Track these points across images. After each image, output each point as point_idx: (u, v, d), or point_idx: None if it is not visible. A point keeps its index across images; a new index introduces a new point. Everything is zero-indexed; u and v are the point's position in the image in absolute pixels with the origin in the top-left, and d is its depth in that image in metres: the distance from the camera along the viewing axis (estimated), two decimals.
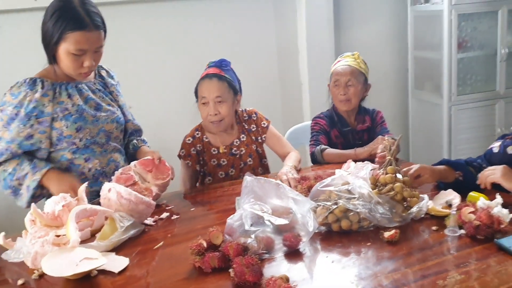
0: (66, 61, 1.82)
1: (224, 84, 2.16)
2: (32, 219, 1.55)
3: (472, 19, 3.66)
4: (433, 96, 3.86)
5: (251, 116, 2.33)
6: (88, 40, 1.79)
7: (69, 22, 1.76)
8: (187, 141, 2.27)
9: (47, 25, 1.81)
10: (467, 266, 1.28)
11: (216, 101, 2.15)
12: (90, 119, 1.92)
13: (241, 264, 1.29)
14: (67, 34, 1.77)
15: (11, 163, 1.82)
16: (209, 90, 2.15)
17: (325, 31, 3.75)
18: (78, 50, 1.79)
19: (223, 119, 2.18)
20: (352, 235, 1.51)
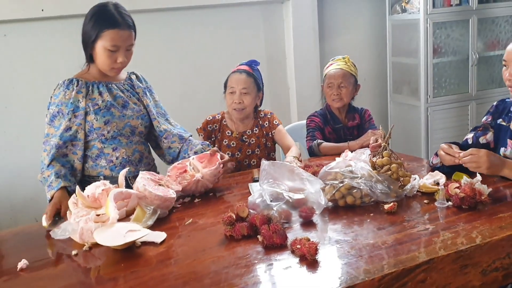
0: (102, 57, 2.07)
1: (251, 79, 2.54)
2: (74, 201, 1.76)
3: (446, 27, 3.99)
4: (410, 98, 4.18)
5: (266, 115, 2.67)
6: (121, 37, 2.05)
7: (105, 21, 2.04)
8: (208, 118, 2.62)
9: (86, 27, 2.07)
10: (455, 228, 1.54)
11: (242, 92, 2.50)
12: (117, 114, 2.15)
13: (268, 230, 1.52)
14: (103, 32, 2.03)
15: (45, 173, 2.05)
16: (237, 81, 2.52)
17: (310, 39, 4.04)
18: (113, 46, 2.04)
19: (245, 108, 2.53)
20: (356, 209, 1.76)
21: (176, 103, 3.60)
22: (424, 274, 1.34)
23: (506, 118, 2.03)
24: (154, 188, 1.85)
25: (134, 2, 3.41)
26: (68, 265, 1.56)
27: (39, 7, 3.27)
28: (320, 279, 1.31)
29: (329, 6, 4.17)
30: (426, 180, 1.88)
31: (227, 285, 1.30)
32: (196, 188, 2.03)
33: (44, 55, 3.37)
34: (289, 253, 1.46)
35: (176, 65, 3.69)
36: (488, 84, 4.23)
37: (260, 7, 3.92)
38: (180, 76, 3.68)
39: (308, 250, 1.39)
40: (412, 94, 4.16)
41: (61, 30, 3.32)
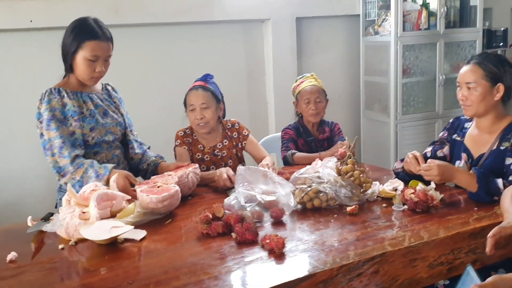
0: (82, 67, 2.22)
1: (208, 93, 2.60)
2: (68, 199, 1.91)
3: (415, 49, 4.24)
4: (381, 115, 4.40)
5: (234, 125, 2.75)
6: (101, 48, 2.22)
7: (86, 33, 2.20)
8: (179, 134, 2.66)
9: (67, 39, 2.23)
10: (409, 227, 1.73)
11: (201, 107, 2.57)
12: (100, 122, 2.30)
13: (241, 228, 1.69)
14: (84, 43, 2.19)
15: (78, 172, 2.15)
16: (195, 98, 2.59)
17: (289, 57, 4.25)
18: (92, 56, 2.20)
19: (208, 122, 2.58)
20: (322, 211, 1.94)
21: (156, 117, 3.76)
22: (377, 266, 1.51)
23: (461, 134, 2.24)
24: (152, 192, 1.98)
25: (118, 17, 3.58)
26: (55, 258, 1.67)
27: (28, 18, 3.40)
28: (285, 269, 1.48)
29: (307, 27, 4.39)
30: (386, 186, 2.07)
31: (202, 273, 1.46)
32: (187, 182, 2.18)
33: (32, 65, 3.49)
34: (260, 248, 1.62)
35: (157, 79, 3.85)
36: (453, 104, 4.47)
37: (241, 25, 4.12)
38: (161, 90, 3.84)
39: (276, 244, 1.56)
40: (382, 111, 4.38)
41: (49, 41, 3.41)
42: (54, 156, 2.17)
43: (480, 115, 2.11)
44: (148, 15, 3.70)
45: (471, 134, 2.20)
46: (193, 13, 3.82)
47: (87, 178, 2.15)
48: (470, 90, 2.08)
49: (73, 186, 2.14)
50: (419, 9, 4.18)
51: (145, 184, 2.08)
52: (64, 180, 2.16)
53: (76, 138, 2.23)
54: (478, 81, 2.06)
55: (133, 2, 3.65)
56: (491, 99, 2.06)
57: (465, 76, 2.09)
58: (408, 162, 2.12)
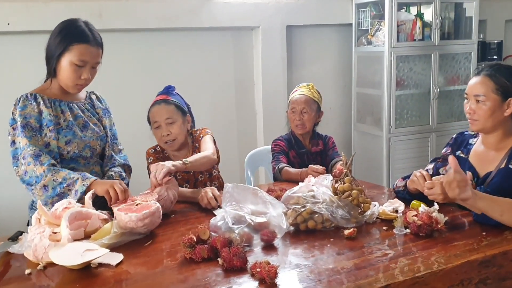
0: (67, 72, 2.04)
1: (172, 106, 2.39)
2: (38, 217, 1.72)
3: (409, 61, 4.13)
4: (373, 128, 4.28)
5: (197, 133, 2.51)
6: (90, 53, 2.05)
7: (75, 36, 2.03)
8: (150, 151, 2.46)
9: (53, 40, 2.05)
10: (413, 254, 1.58)
11: (166, 122, 2.36)
12: (78, 135, 2.11)
13: (228, 253, 1.52)
14: (72, 45, 2.01)
15: (60, 174, 1.97)
16: (159, 114, 2.38)
17: (279, 66, 4.11)
18: (80, 61, 2.03)
19: (176, 138, 2.37)
20: (316, 233, 1.78)
21: (141, 127, 3.57)
22: None
23: (465, 150, 2.10)
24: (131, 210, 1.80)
25: (101, 21, 3.42)
26: (20, 285, 1.50)
27: (5, 21, 3.25)
28: None
29: (298, 36, 4.27)
30: (386, 207, 1.92)
31: None
32: (168, 196, 2.00)
33: (10, 69, 3.32)
34: (249, 276, 1.45)
35: (141, 86, 3.68)
36: (447, 117, 4.38)
37: (230, 32, 3.98)
38: (146, 99, 3.64)
39: (268, 274, 1.39)
40: (375, 124, 4.26)
41: (28, 45, 3.28)
42: (30, 165, 1.98)
43: (487, 131, 1.97)
44: (133, 20, 3.54)
45: (476, 151, 2.06)
46: (180, 19, 3.67)
47: (71, 180, 1.97)
48: (478, 104, 1.94)
49: (54, 188, 1.96)
50: (413, 19, 4.08)
51: (123, 202, 1.91)
52: (42, 184, 1.96)
53: (51, 150, 2.05)
54: (488, 95, 1.91)
55: (118, 6, 3.50)
56: (500, 115, 1.92)
57: (474, 88, 1.95)
58: (415, 181, 1.97)
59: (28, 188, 2.00)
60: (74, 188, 1.97)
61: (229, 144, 3.98)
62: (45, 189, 1.97)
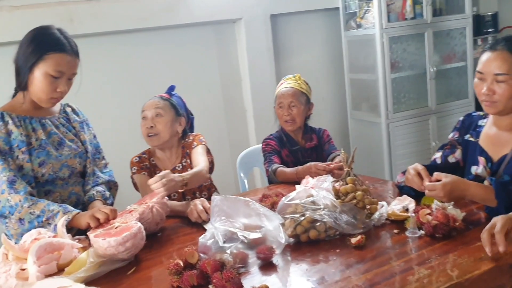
0: (41, 84, 1.83)
1: (166, 102, 2.26)
2: (5, 252, 1.52)
3: (402, 41, 3.92)
4: (370, 115, 4.07)
5: (189, 139, 2.34)
6: (68, 63, 1.85)
7: (51, 44, 1.83)
8: (134, 160, 2.28)
9: (24, 50, 1.84)
10: (431, 262, 1.38)
11: (153, 114, 2.22)
12: (53, 154, 1.90)
13: (220, 278, 1.32)
14: (48, 54, 1.81)
15: (38, 206, 1.76)
16: (149, 105, 2.26)
17: (266, 59, 3.90)
18: (56, 72, 1.82)
19: (158, 133, 2.21)
20: (320, 244, 1.58)
21: (124, 133, 3.37)
22: None
23: (474, 133, 1.89)
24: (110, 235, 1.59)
25: (72, 26, 3.20)
26: None
27: None
28: None
29: (283, 25, 4.05)
30: (395, 206, 1.72)
31: None
32: (152, 218, 1.80)
33: None
34: None
35: (120, 92, 3.48)
36: (446, 97, 4.18)
37: (211, 27, 3.76)
38: (125, 105, 3.44)
39: None
40: (371, 110, 4.06)
41: None
42: (4, 193, 1.77)
43: (506, 112, 1.75)
44: (107, 22, 3.32)
45: (487, 133, 1.85)
46: (157, 17, 3.45)
47: (50, 213, 1.75)
48: (499, 83, 1.70)
49: (31, 222, 1.75)
50: None
51: (100, 227, 1.70)
52: (18, 217, 1.75)
53: (25, 174, 1.83)
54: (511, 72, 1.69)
55: (89, 9, 3.27)
56: None
57: (494, 66, 1.69)
58: (409, 180, 1.76)
59: (1, 220, 1.79)
60: (54, 222, 1.76)
61: (219, 145, 3.76)
62: (21, 222, 1.77)
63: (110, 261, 1.58)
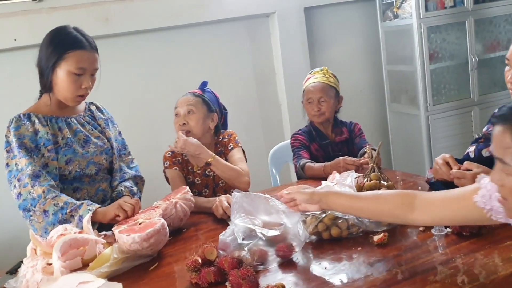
0: (65, 83, 1.87)
1: (198, 99, 2.27)
2: (34, 247, 1.57)
3: (441, 31, 3.79)
4: (409, 107, 3.96)
5: (224, 137, 2.35)
6: (88, 59, 1.89)
7: (69, 42, 1.87)
8: (167, 155, 2.30)
9: (44, 52, 1.89)
10: (455, 261, 1.32)
11: (186, 111, 2.23)
12: (79, 152, 1.94)
13: (237, 276, 1.31)
14: (68, 53, 1.85)
15: (62, 198, 1.81)
16: (182, 102, 2.26)
17: (300, 52, 3.84)
18: (78, 69, 1.86)
19: (191, 130, 2.21)
20: (342, 242, 1.54)
21: (159, 128, 3.42)
22: None
23: None
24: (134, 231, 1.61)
25: (108, 26, 3.27)
26: None
27: (12, 36, 3.13)
28: None
29: (318, 17, 3.99)
30: None
31: None
32: (176, 213, 1.82)
33: (20, 84, 3.21)
34: None
35: (155, 90, 3.50)
36: (490, 88, 4.00)
37: (244, 22, 3.74)
38: (160, 102, 3.47)
39: None
40: (410, 103, 3.94)
41: (35, 59, 3.16)
42: (26, 187, 1.81)
43: None
44: (140, 21, 3.36)
45: None
46: (188, 14, 3.46)
47: (73, 205, 1.79)
48: None
49: (55, 214, 1.78)
50: None
51: (124, 223, 1.72)
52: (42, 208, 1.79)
53: (49, 172, 1.87)
54: None
55: (123, 9, 3.32)
56: None
57: None
58: (437, 170, 1.69)
59: (25, 214, 1.83)
60: (78, 214, 1.80)
61: (253, 140, 3.75)
62: (45, 214, 1.80)
63: (133, 257, 1.60)
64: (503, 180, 1.08)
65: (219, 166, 2.16)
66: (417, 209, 1.30)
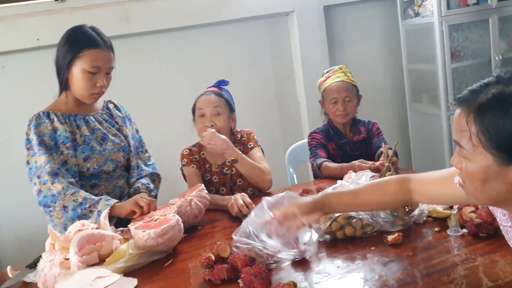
0: (80, 81, 1.91)
1: (221, 99, 2.26)
2: (52, 242, 1.60)
3: (463, 29, 3.72)
4: (430, 107, 3.90)
5: (243, 136, 2.35)
6: (103, 58, 1.92)
7: (84, 41, 1.91)
8: (184, 152, 2.30)
9: (61, 51, 1.94)
10: (470, 262, 1.30)
11: (213, 112, 2.22)
12: (97, 149, 1.97)
13: (249, 273, 1.32)
14: (82, 52, 1.89)
15: (81, 194, 1.84)
16: (207, 102, 2.24)
17: (319, 51, 3.82)
18: (93, 67, 1.90)
19: (218, 131, 2.19)
20: (356, 241, 1.54)
21: (175, 131, 3.44)
22: None
23: None
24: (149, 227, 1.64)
25: (128, 25, 3.31)
26: None
27: (35, 36, 3.19)
28: None
29: (337, 15, 3.96)
30: None
31: None
32: (191, 211, 1.83)
33: (42, 84, 3.24)
34: None
35: (174, 89, 3.53)
36: None
37: (263, 21, 3.74)
38: (179, 101, 3.49)
39: None
40: (431, 102, 3.89)
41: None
42: (46, 184, 1.85)
43: None
44: (160, 20, 3.39)
45: None
46: (208, 13, 3.47)
47: (92, 200, 1.83)
48: None
49: (74, 209, 1.82)
50: None
51: (140, 220, 1.75)
52: (62, 204, 1.82)
53: (68, 169, 1.91)
54: None
55: (144, 8, 3.35)
56: None
57: None
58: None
59: (45, 210, 1.87)
60: (96, 209, 1.84)
61: (272, 138, 3.76)
62: (65, 210, 1.84)
63: (148, 252, 1.62)
64: (461, 163, 1.07)
65: (245, 164, 2.16)
66: (414, 192, 1.36)
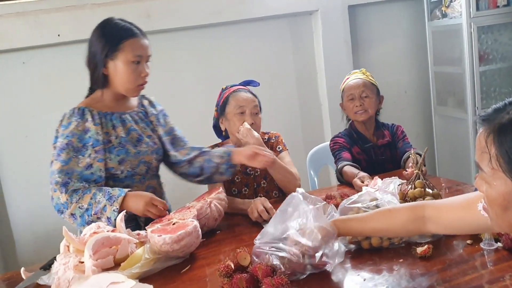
0: (125, 74, 1.86)
1: (256, 99, 2.24)
2: (67, 244, 1.56)
3: (492, 31, 3.61)
4: (456, 111, 3.79)
5: (271, 139, 2.30)
6: (142, 46, 1.88)
7: (121, 32, 1.86)
8: None
9: (96, 46, 1.87)
10: (505, 280, 1.22)
11: (253, 111, 2.18)
12: (132, 152, 1.92)
13: (270, 284, 1.26)
14: (122, 43, 1.84)
15: (85, 199, 1.79)
16: (247, 100, 2.18)
17: (343, 51, 3.75)
18: (136, 57, 1.85)
19: (255, 131, 2.14)
20: (383, 252, 1.46)
21: (198, 125, 3.40)
22: None
23: None
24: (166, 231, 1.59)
25: (150, 22, 3.27)
26: None
27: (56, 32, 3.17)
28: None
29: (362, 15, 3.88)
30: None
31: None
32: (211, 213, 1.78)
33: (63, 80, 3.25)
34: None
35: (194, 88, 3.48)
36: None
37: (287, 20, 3.67)
38: (200, 100, 3.46)
39: None
40: (458, 106, 3.78)
41: (77, 54, 3.18)
42: (56, 192, 1.81)
43: None
44: (181, 18, 3.35)
45: None
46: (230, 11, 3.42)
47: (96, 204, 1.77)
48: None
49: (82, 216, 1.78)
50: None
51: (158, 222, 1.70)
52: (69, 212, 1.79)
53: (93, 173, 1.84)
54: None
55: (165, 5, 3.32)
56: None
57: None
58: None
59: (59, 215, 1.84)
60: (104, 216, 1.78)
61: (293, 140, 3.67)
62: (74, 217, 1.81)
63: (165, 258, 1.57)
64: (482, 187, 0.99)
65: (278, 167, 2.09)
66: (429, 221, 1.29)
